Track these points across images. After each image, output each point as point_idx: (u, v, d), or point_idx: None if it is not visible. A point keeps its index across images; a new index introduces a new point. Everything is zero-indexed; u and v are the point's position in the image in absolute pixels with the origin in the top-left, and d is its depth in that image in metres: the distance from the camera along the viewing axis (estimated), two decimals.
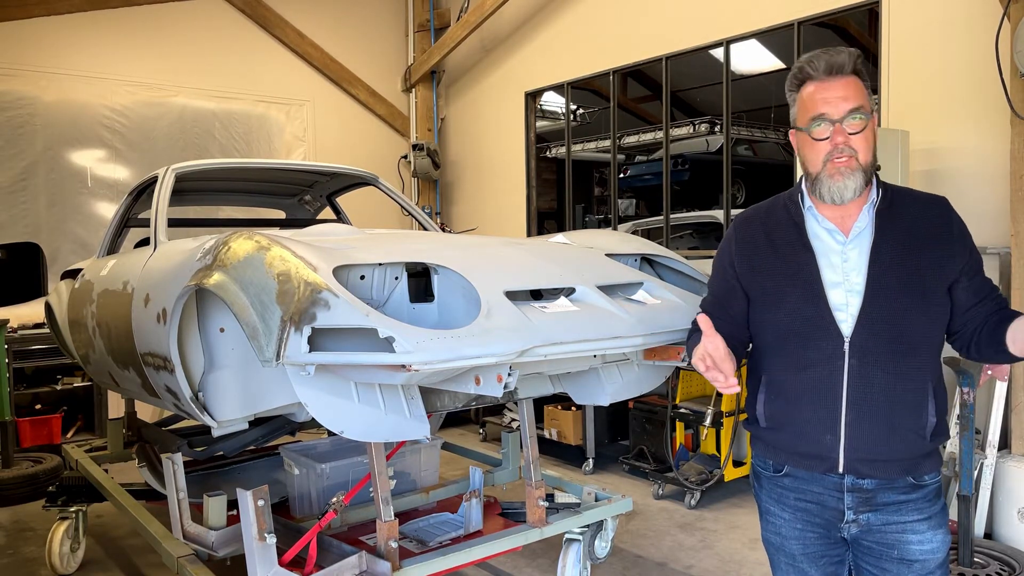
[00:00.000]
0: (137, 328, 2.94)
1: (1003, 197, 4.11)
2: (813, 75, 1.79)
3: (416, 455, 3.68)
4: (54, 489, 4.10)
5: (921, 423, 1.77)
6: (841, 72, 1.76)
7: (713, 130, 8.89)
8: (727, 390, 1.74)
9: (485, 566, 3.91)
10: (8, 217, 6.60)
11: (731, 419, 4.79)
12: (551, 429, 5.85)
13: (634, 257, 3.11)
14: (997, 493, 3.90)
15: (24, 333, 6.26)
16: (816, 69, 1.78)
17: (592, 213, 10.48)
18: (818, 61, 1.77)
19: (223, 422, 2.72)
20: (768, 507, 1.99)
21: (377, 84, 8.64)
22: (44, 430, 6.14)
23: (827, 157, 1.76)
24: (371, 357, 2.02)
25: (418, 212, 4.43)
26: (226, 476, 3.95)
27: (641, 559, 4.01)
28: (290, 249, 2.28)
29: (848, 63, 1.76)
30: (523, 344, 2.13)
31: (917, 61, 4.68)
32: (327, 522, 2.78)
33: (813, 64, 1.78)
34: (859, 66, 1.78)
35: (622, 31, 6.66)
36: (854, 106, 1.74)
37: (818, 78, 1.78)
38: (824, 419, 1.80)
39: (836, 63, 1.76)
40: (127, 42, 7.16)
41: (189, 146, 7.49)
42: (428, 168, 8.44)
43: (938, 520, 1.82)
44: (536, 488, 3.16)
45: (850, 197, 1.77)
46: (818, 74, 1.78)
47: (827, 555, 1.91)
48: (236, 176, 4.43)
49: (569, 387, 3.05)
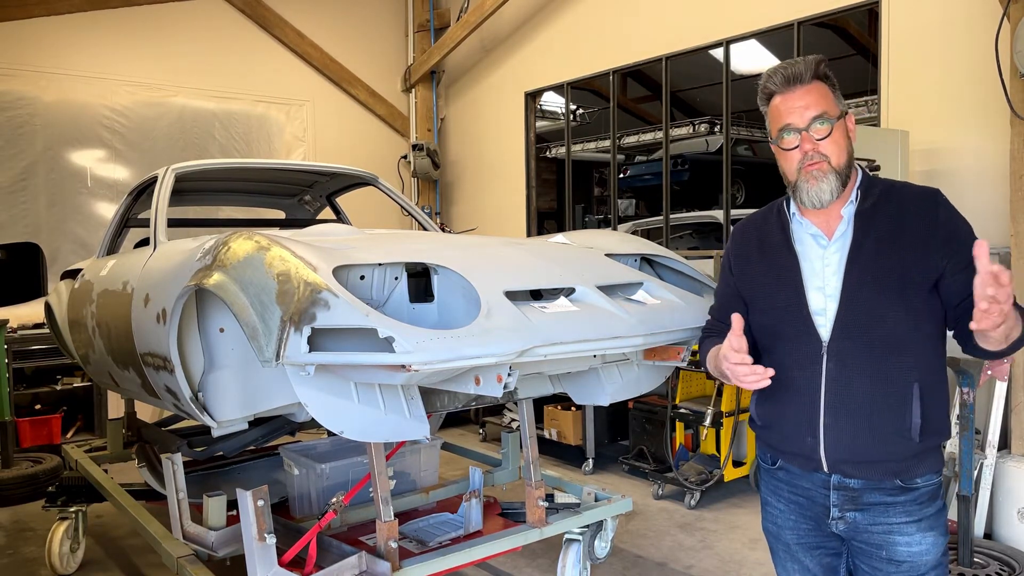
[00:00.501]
0: (137, 328, 2.94)
1: (1003, 197, 4.11)
2: (775, 89, 1.83)
3: (416, 455, 3.68)
4: (54, 489, 4.10)
5: (904, 425, 1.76)
6: (800, 81, 1.80)
7: (713, 130, 8.88)
8: (757, 382, 1.73)
9: (485, 566, 3.91)
10: (8, 217, 6.60)
11: (731, 419, 4.79)
12: (551, 429, 5.85)
13: (634, 257, 3.11)
14: (997, 493, 3.90)
15: (24, 333, 6.26)
16: (776, 83, 1.83)
17: (592, 213, 10.48)
18: (776, 75, 1.82)
19: (223, 422, 2.71)
20: (767, 498, 2.05)
21: (377, 84, 8.64)
22: (44, 430, 6.15)
23: (800, 164, 1.80)
24: (371, 357, 2.02)
25: (418, 212, 4.43)
26: (226, 476, 3.95)
27: (641, 559, 4.01)
28: (290, 249, 2.28)
29: (806, 71, 1.79)
30: (523, 344, 2.13)
31: (917, 61, 4.68)
32: (327, 522, 2.77)
33: (772, 79, 1.83)
34: (821, 71, 1.81)
35: (622, 31, 6.66)
36: (816, 113, 1.77)
37: (780, 90, 1.82)
38: (803, 421, 1.84)
39: (793, 73, 1.80)
40: (127, 42, 7.16)
41: (189, 146, 7.49)
42: (428, 168, 8.44)
43: (930, 523, 1.81)
44: (536, 488, 3.16)
45: (828, 199, 1.79)
46: (779, 87, 1.82)
47: (822, 547, 1.93)
48: (236, 176, 4.43)
49: (569, 387, 3.06)
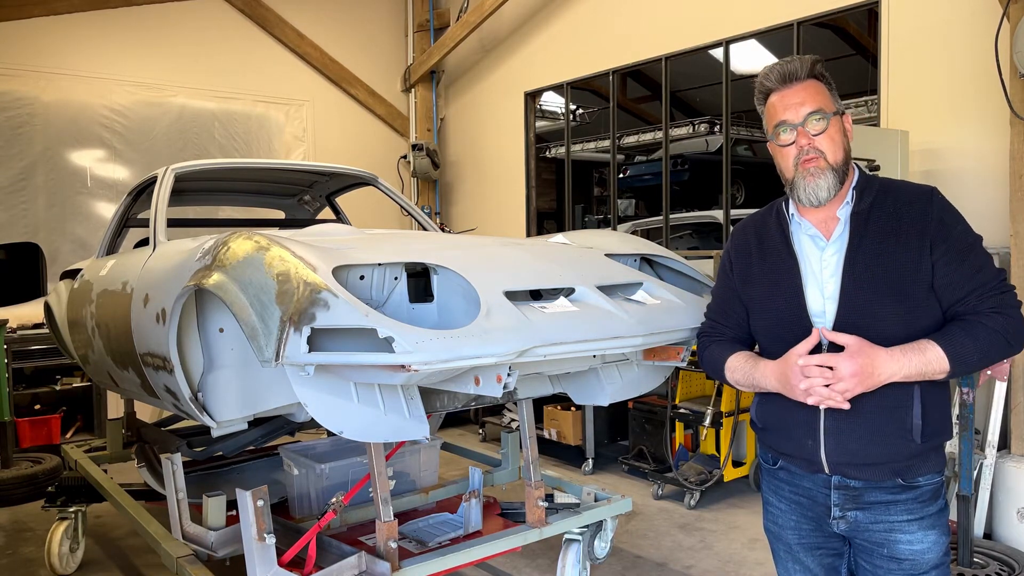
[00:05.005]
0: (136, 328, 2.94)
1: (1003, 197, 4.11)
2: (771, 86, 1.85)
3: (415, 455, 3.68)
4: (53, 489, 4.10)
5: (906, 426, 1.77)
6: (796, 79, 1.82)
7: (712, 130, 8.88)
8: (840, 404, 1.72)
9: (485, 566, 3.91)
10: (8, 217, 6.60)
11: (730, 419, 4.79)
12: (551, 429, 5.85)
13: (634, 257, 3.11)
14: (997, 493, 3.90)
15: (23, 333, 6.26)
16: (772, 80, 1.85)
17: (592, 213, 10.48)
18: (772, 72, 1.84)
19: (222, 422, 2.71)
20: (768, 497, 2.04)
21: (376, 84, 8.64)
22: (43, 430, 6.14)
23: (796, 160, 1.81)
24: (370, 357, 2.02)
25: (417, 212, 4.43)
26: (225, 476, 3.94)
27: (640, 559, 4.01)
28: (289, 249, 2.28)
29: (802, 69, 1.81)
30: (522, 344, 2.13)
31: (917, 61, 4.68)
32: (326, 522, 2.77)
33: (769, 76, 1.85)
34: (817, 70, 1.83)
35: (622, 31, 6.66)
36: (812, 109, 1.79)
37: (776, 88, 1.84)
38: (804, 424, 1.83)
39: (789, 71, 1.82)
40: (126, 42, 7.16)
41: (188, 146, 7.49)
42: (428, 168, 8.44)
43: (931, 521, 1.81)
44: (536, 488, 3.16)
45: (825, 196, 1.80)
46: (775, 84, 1.84)
47: (823, 547, 1.93)
48: (235, 176, 4.43)
49: (569, 387, 3.05)
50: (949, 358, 1.68)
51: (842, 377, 1.67)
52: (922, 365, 1.69)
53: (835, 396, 1.69)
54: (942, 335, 1.71)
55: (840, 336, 1.71)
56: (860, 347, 1.68)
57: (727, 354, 1.97)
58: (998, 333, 1.70)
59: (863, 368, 1.66)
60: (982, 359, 1.71)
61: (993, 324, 1.70)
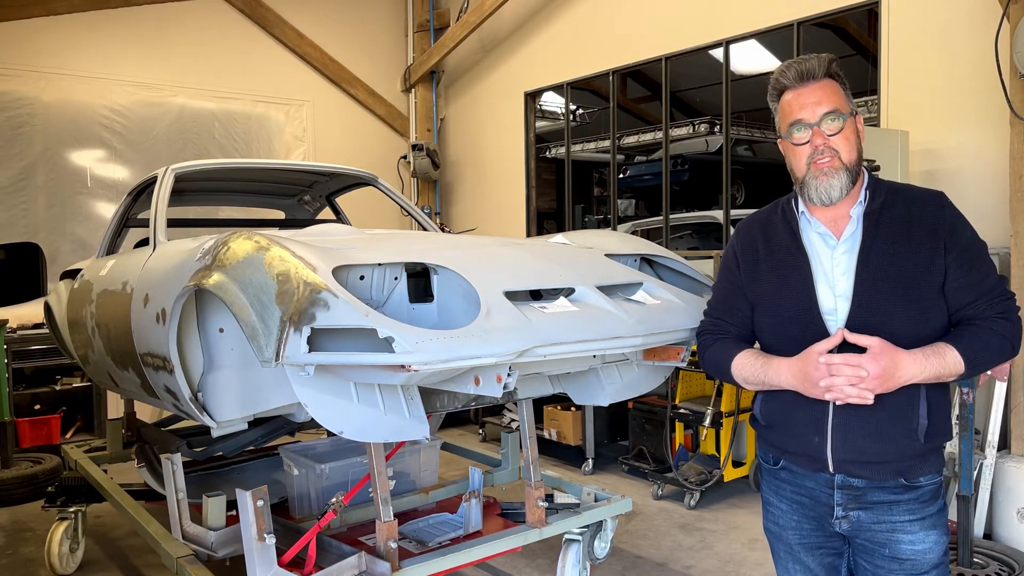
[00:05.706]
0: (136, 328, 2.94)
1: (1003, 197, 4.11)
2: (787, 84, 1.84)
3: (415, 455, 3.68)
4: (53, 489, 4.10)
5: (911, 426, 1.77)
6: (813, 77, 1.81)
7: (713, 130, 8.88)
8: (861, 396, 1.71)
9: (485, 566, 3.91)
10: (8, 217, 6.60)
11: (730, 419, 4.79)
12: (551, 429, 5.85)
13: (634, 257, 3.11)
14: (997, 493, 3.90)
15: (23, 333, 6.26)
16: (788, 78, 1.84)
17: (592, 213, 10.48)
18: (789, 70, 1.83)
19: (222, 422, 2.71)
20: (768, 498, 2.04)
21: (376, 84, 8.64)
22: (43, 430, 6.14)
23: (809, 160, 1.81)
24: (370, 357, 2.02)
25: (417, 212, 4.43)
26: (225, 476, 3.94)
27: (640, 559, 4.01)
28: (289, 249, 2.28)
29: (819, 68, 1.81)
30: (522, 344, 2.13)
31: (917, 61, 4.68)
32: (326, 522, 2.77)
33: (785, 74, 1.84)
34: (833, 70, 1.82)
35: (622, 31, 6.66)
36: (829, 109, 1.78)
37: (792, 86, 1.83)
38: (811, 421, 1.83)
39: (807, 69, 1.81)
40: (126, 42, 7.16)
41: (188, 146, 7.49)
42: (428, 168, 8.44)
43: (932, 521, 1.82)
44: (536, 488, 3.16)
45: (837, 196, 1.80)
46: (791, 82, 1.83)
47: (824, 547, 1.93)
48: (235, 176, 4.43)
49: (569, 387, 3.05)
50: (965, 361, 1.71)
51: (864, 378, 1.68)
52: (940, 368, 1.71)
53: (864, 394, 1.68)
54: (958, 339, 1.74)
55: (863, 338, 1.71)
56: (883, 349, 1.68)
57: (733, 352, 1.95)
58: (1006, 338, 1.75)
59: (886, 370, 1.68)
60: (991, 362, 1.76)
61: (1002, 329, 1.75)
